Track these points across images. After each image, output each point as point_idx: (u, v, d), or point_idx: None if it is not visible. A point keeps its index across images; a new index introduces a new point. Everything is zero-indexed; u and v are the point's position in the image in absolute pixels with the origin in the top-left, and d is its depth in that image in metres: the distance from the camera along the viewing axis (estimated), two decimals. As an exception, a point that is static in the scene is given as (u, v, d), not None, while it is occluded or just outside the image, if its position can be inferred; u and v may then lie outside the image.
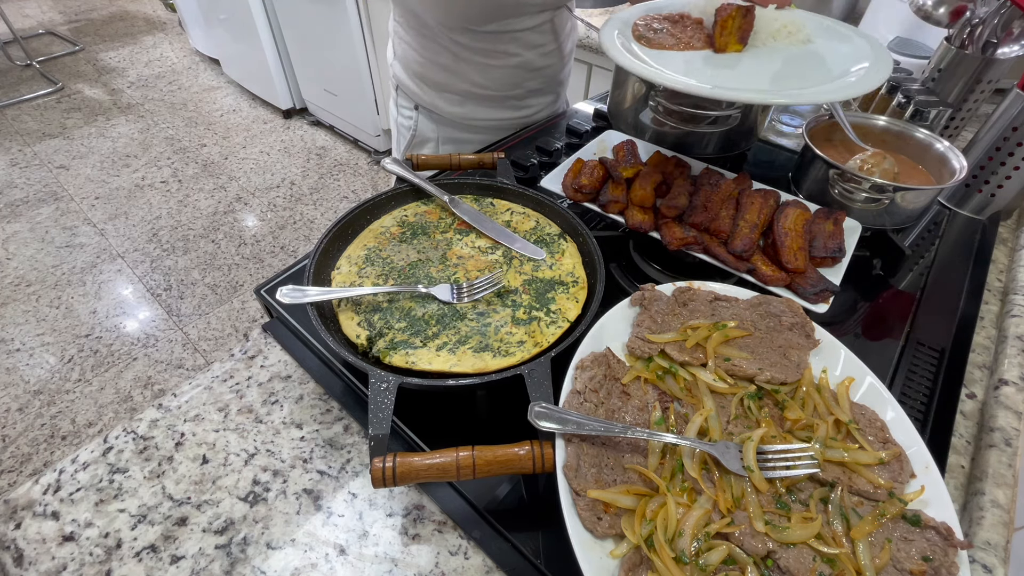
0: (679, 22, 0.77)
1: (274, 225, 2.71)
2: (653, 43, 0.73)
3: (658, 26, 0.76)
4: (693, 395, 0.54)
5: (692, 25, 0.76)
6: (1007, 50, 0.94)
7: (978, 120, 1.12)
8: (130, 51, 4.27)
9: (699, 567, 0.41)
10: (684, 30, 0.75)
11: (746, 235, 0.71)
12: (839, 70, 0.69)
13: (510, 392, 0.54)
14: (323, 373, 0.66)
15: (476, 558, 0.51)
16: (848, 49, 0.73)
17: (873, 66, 0.68)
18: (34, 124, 3.35)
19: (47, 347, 2.09)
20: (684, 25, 0.76)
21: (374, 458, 0.47)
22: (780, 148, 1.09)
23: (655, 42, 0.73)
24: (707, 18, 0.75)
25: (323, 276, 0.67)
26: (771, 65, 0.71)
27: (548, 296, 0.65)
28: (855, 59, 0.70)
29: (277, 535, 0.52)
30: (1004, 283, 0.85)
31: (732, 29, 0.72)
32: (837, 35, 0.76)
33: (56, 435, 1.82)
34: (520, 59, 1.01)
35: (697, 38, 0.75)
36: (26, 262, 2.43)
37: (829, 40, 0.75)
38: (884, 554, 0.43)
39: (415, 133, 1.16)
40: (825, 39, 0.75)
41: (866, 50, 0.72)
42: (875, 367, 0.56)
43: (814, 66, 0.70)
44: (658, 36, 0.74)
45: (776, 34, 0.74)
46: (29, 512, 0.53)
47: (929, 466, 0.49)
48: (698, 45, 0.74)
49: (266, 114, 3.57)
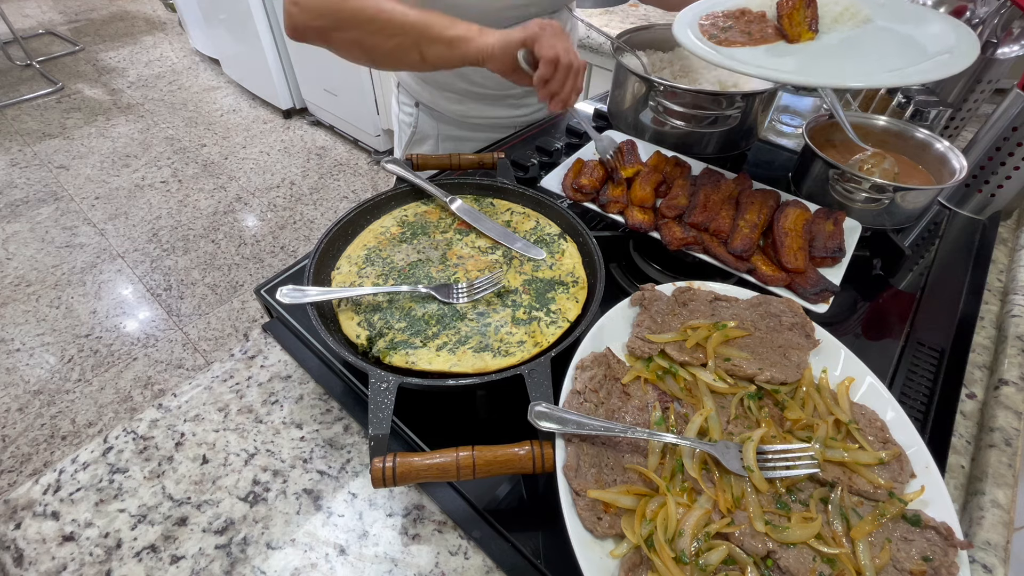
0: (741, 17, 0.76)
1: (274, 225, 2.71)
2: (725, 42, 0.72)
3: (724, 24, 0.75)
4: (693, 395, 0.54)
5: (757, 19, 0.75)
6: (1007, 50, 0.94)
7: (978, 120, 1.12)
8: (130, 51, 4.26)
9: (699, 567, 0.41)
10: (751, 24, 0.74)
11: (746, 235, 0.71)
12: (931, 48, 0.68)
13: (510, 392, 0.54)
14: (323, 373, 0.66)
15: (476, 558, 0.51)
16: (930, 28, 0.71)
17: (959, 42, 0.67)
18: (34, 124, 3.35)
19: (47, 347, 2.09)
20: (749, 20, 0.75)
21: (374, 458, 0.47)
22: (780, 148, 1.09)
23: (727, 40, 0.72)
24: (768, 11, 0.75)
25: (323, 276, 0.67)
26: (860, 48, 0.70)
27: (548, 296, 0.65)
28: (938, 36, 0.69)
29: (277, 535, 0.52)
30: (1004, 283, 0.85)
31: (800, 19, 0.72)
32: (898, 13, 0.75)
33: (56, 435, 1.82)
34: None
35: (767, 32, 0.74)
36: (26, 262, 2.43)
37: (895, 20, 0.74)
38: (884, 554, 0.43)
39: (415, 130, 1.17)
40: (885, 19, 0.74)
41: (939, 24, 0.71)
42: (875, 367, 0.56)
43: (903, 47, 0.69)
44: (727, 34, 0.73)
45: (839, 17, 0.73)
46: (29, 512, 0.53)
47: (929, 466, 0.49)
48: (770, 38, 0.73)
49: (266, 114, 3.56)
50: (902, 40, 0.71)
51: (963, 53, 0.65)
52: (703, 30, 0.75)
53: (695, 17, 0.78)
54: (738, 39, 0.72)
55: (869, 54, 0.69)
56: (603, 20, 1.76)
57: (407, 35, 0.72)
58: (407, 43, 0.73)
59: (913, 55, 0.67)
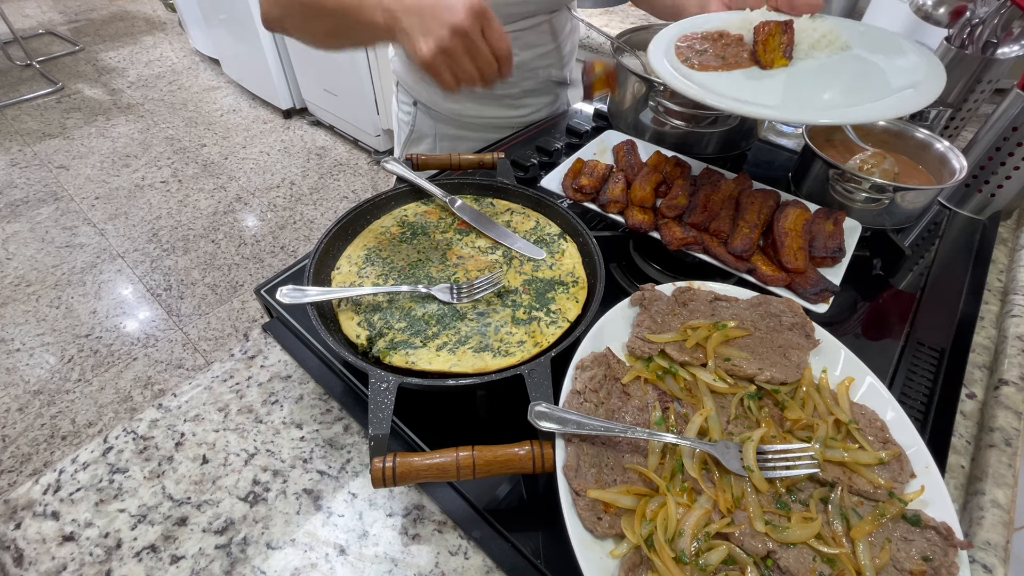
0: (719, 40, 0.76)
1: (274, 225, 2.71)
2: (700, 66, 0.72)
3: (700, 47, 0.75)
4: (693, 395, 0.54)
5: (733, 43, 0.75)
6: (1007, 50, 0.94)
7: (978, 120, 1.12)
8: (130, 51, 4.26)
9: (699, 567, 0.41)
10: (727, 48, 0.74)
11: (746, 235, 0.71)
12: (895, 83, 0.68)
13: (510, 392, 0.54)
14: (323, 373, 0.66)
15: (476, 558, 0.51)
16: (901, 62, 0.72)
17: (927, 77, 0.67)
18: (34, 124, 3.35)
19: (47, 347, 2.09)
20: (726, 43, 0.75)
21: (374, 458, 0.47)
22: (780, 148, 1.09)
23: (702, 64, 0.72)
24: (746, 34, 0.75)
25: (323, 276, 0.67)
26: (826, 79, 0.71)
27: (548, 296, 0.65)
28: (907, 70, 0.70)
29: (277, 535, 0.52)
30: (1004, 283, 0.85)
31: (774, 46, 0.72)
32: (875, 42, 0.75)
33: (56, 435, 1.82)
34: (517, 58, 1.01)
35: (741, 56, 0.74)
36: (26, 262, 2.43)
37: (870, 49, 0.74)
38: (884, 554, 0.43)
39: (413, 129, 1.17)
40: (863, 47, 0.74)
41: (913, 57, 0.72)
42: (875, 367, 0.56)
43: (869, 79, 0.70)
44: (703, 58, 0.73)
45: (816, 44, 0.73)
46: (29, 512, 0.53)
47: (929, 466, 0.49)
48: (744, 63, 0.73)
49: (266, 114, 3.57)
50: (872, 72, 0.71)
51: (927, 90, 0.65)
52: (679, 52, 0.75)
53: (672, 39, 0.79)
54: (712, 63, 0.73)
55: (838, 87, 0.70)
56: (603, 20, 1.76)
57: (332, 18, 0.69)
58: (336, 29, 0.70)
59: (878, 90, 0.68)
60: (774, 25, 0.72)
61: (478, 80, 0.61)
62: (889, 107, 0.65)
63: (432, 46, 0.57)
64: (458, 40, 0.57)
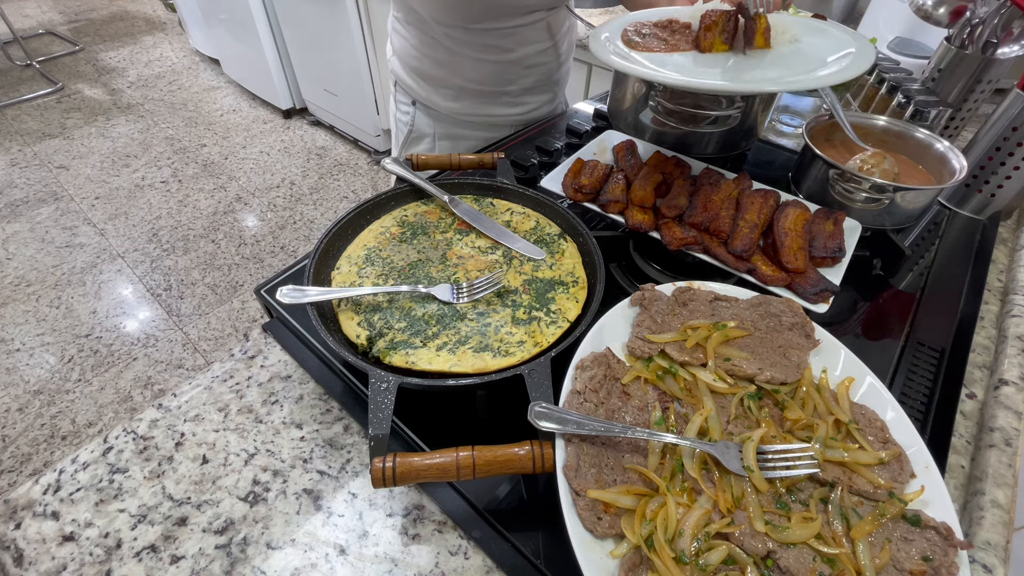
0: (667, 27, 0.79)
1: (274, 225, 2.71)
2: (640, 47, 0.74)
3: (647, 31, 0.78)
4: (693, 395, 0.54)
5: (680, 29, 0.78)
6: (1007, 50, 0.94)
7: (978, 120, 1.12)
8: (130, 51, 4.26)
9: (699, 567, 0.41)
10: (672, 34, 0.77)
11: (746, 235, 0.71)
12: (821, 61, 0.71)
13: (510, 392, 0.54)
14: (323, 373, 0.66)
15: (476, 558, 0.51)
16: (829, 43, 0.75)
17: (855, 56, 0.70)
18: (34, 124, 3.35)
19: (47, 347, 2.09)
20: (672, 30, 0.78)
21: (374, 458, 0.47)
22: (780, 148, 1.09)
23: (643, 46, 0.74)
24: (694, 22, 0.77)
25: (323, 276, 0.67)
26: (758, 60, 0.74)
27: (548, 296, 0.65)
28: (835, 50, 0.73)
29: (277, 535, 0.52)
30: (1004, 283, 0.85)
31: (717, 32, 0.74)
32: (820, 32, 0.78)
33: (56, 435, 1.82)
34: (514, 55, 1.01)
35: (684, 41, 0.77)
36: (26, 262, 2.43)
37: (814, 37, 0.77)
38: (884, 554, 0.43)
39: (412, 129, 1.16)
40: (811, 37, 0.77)
41: (847, 41, 0.74)
42: (875, 367, 0.56)
43: (800, 60, 0.73)
44: (646, 40, 0.75)
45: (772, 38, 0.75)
46: (29, 512, 0.53)
47: (929, 466, 0.49)
48: (685, 47, 0.76)
49: (266, 114, 3.57)
50: (806, 54, 0.74)
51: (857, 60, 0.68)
52: (624, 34, 0.78)
53: (623, 24, 0.81)
54: (653, 45, 0.75)
55: (772, 65, 0.72)
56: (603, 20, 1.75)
57: None
58: None
59: (809, 65, 0.71)
60: (720, 13, 0.74)
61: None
62: (818, 79, 0.67)
63: None
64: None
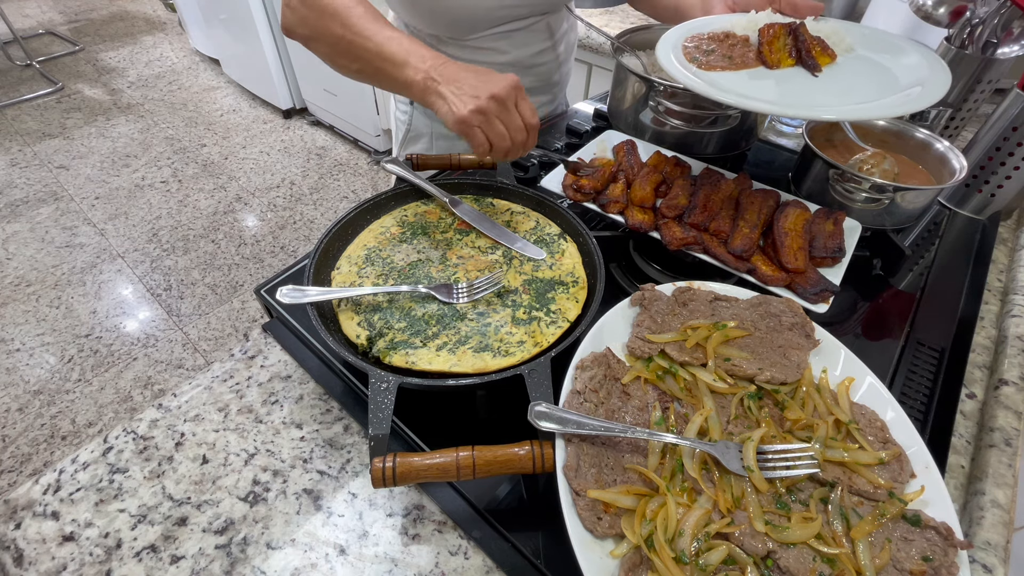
0: (725, 40, 0.77)
1: (274, 225, 2.71)
2: (706, 65, 0.73)
3: (707, 47, 0.76)
4: (693, 395, 0.54)
5: (740, 43, 0.76)
6: (1007, 50, 0.94)
7: (978, 120, 1.12)
8: (130, 51, 4.26)
9: (699, 567, 0.41)
10: (733, 48, 0.76)
11: (746, 235, 0.71)
12: (904, 80, 0.69)
13: (510, 392, 0.54)
14: (323, 373, 0.66)
15: (476, 558, 0.51)
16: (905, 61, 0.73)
17: (932, 75, 0.68)
18: (34, 124, 3.35)
19: (47, 347, 2.09)
20: (732, 44, 0.76)
21: (374, 458, 0.47)
22: (780, 148, 1.09)
23: (708, 64, 0.73)
24: (752, 35, 0.76)
25: (323, 276, 0.67)
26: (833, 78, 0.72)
27: (548, 296, 0.65)
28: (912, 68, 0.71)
29: (277, 535, 0.52)
30: (1004, 283, 0.85)
31: (779, 47, 0.73)
32: (879, 43, 0.77)
33: (56, 435, 1.82)
34: (510, 56, 1.00)
35: (748, 56, 0.75)
36: (26, 262, 2.43)
37: (874, 50, 0.75)
38: (884, 554, 0.43)
39: (409, 127, 1.16)
40: (867, 49, 0.76)
41: (916, 56, 0.73)
42: (875, 367, 0.56)
43: (878, 78, 0.71)
44: (710, 58, 0.74)
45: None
46: (29, 512, 0.53)
47: (929, 466, 0.49)
48: (751, 63, 0.74)
49: (266, 114, 3.56)
50: (878, 70, 0.72)
51: (935, 86, 0.66)
52: (686, 52, 0.76)
53: (680, 39, 0.79)
54: (719, 63, 0.74)
55: (845, 84, 0.70)
56: (603, 20, 1.76)
57: (368, 63, 0.71)
58: (369, 70, 0.72)
59: (886, 87, 0.69)
60: (779, 27, 0.73)
61: (507, 141, 0.65)
62: (893, 105, 0.65)
63: (470, 106, 0.63)
64: (493, 104, 0.63)
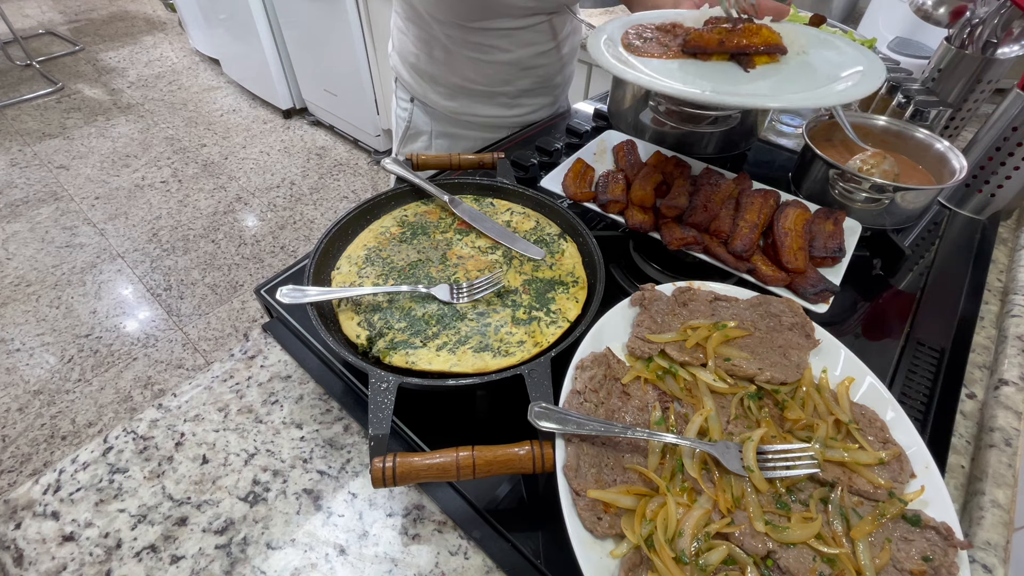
0: (670, 31, 0.77)
1: (274, 225, 2.71)
2: (640, 51, 0.72)
3: (648, 35, 0.76)
4: (693, 395, 0.54)
5: (683, 34, 0.76)
6: (1007, 50, 0.94)
7: (978, 120, 1.12)
8: (130, 51, 4.26)
9: (699, 567, 0.41)
10: (674, 39, 0.75)
11: (746, 235, 0.71)
12: (830, 77, 0.69)
13: (510, 392, 0.54)
14: (323, 373, 0.66)
15: (476, 558, 0.51)
16: (839, 59, 0.73)
17: (865, 74, 0.68)
18: (34, 124, 3.35)
19: (47, 347, 2.09)
20: (675, 34, 0.76)
21: (374, 458, 0.47)
22: (780, 148, 1.09)
23: (642, 50, 0.73)
24: (699, 27, 0.76)
25: (323, 276, 0.67)
26: (767, 72, 0.71)
27: (548, 296, 0.65)
28: (845, 67, 0.71)
29: (277, 535, 0.52)
30: (1004, 283, 0.85)
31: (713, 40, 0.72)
32: (830, 46, 0.76)
33: (56, 435, 1.82)
34: (512, 56, 1.00)
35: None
36: (26, 262, 2.43)
37: (823, 51, 0.75)
38: (884, 554, 0.43)
39: (409, 125, 1.16)
40: (819, 50, 0.75)
41: (857, 59, 0.72)
42: (875, 367, 0.56)
43: (807, 74, 0.71)
44: (646, 44, 0.74)
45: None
46: (29, 512, 0.53)
47: (929, 466, 0.49)
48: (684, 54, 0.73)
49: (266, 114, 3.57)
50: (814, 66, 0.72)
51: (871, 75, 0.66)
52: (626, 37, 0.76)
53: (624, 25, 0.78)
54: (653, 50, 0.72)
55: (774, 78, 0.69)
56: (603, 20, 1.75)
57: None
58: None
59: (814, 81, 0.68)
60: (723, 21, 0.73)
61: None
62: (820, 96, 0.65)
63: None
64: None
